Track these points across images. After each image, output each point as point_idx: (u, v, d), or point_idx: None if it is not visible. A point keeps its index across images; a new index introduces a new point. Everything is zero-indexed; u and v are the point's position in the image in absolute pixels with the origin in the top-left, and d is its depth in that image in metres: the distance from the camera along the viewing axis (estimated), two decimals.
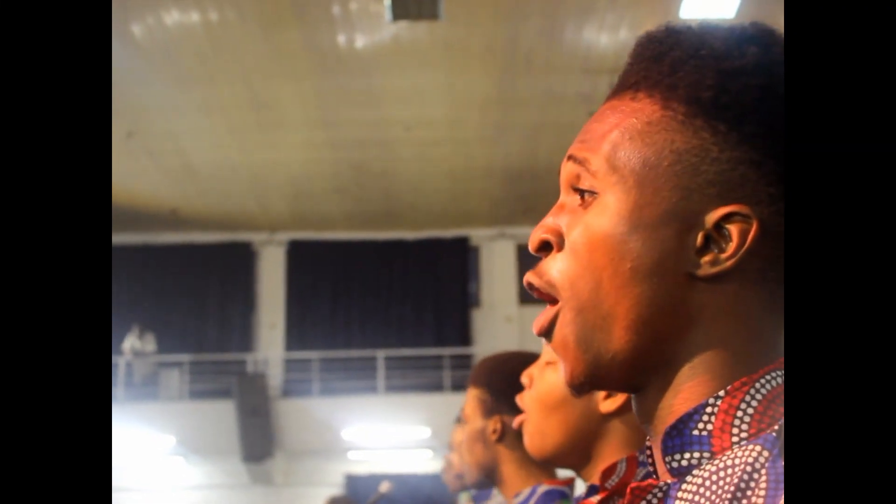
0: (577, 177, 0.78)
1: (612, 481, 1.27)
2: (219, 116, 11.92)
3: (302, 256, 15.71)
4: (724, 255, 0.72)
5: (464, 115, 11.96)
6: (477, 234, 15.88)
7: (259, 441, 13.47)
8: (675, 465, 0.72)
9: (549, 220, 0.79)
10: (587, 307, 0.74)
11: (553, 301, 0.77)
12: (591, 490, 1.34)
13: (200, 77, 10.98)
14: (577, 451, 1.44)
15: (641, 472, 1.29)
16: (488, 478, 2.15)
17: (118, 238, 14.96)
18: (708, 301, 0.73)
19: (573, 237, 0.76)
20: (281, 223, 15.46)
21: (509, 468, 2.08)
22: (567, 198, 0.79)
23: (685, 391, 0.73)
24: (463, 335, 15.53)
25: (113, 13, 9.64)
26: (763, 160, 0.72)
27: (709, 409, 0.71)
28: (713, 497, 0.68)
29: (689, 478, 0.71)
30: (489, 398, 2.14)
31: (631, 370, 0.74)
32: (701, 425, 0.71)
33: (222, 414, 13.53)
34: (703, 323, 0.73)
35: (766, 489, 0.66)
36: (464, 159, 13.21)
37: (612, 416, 1.42)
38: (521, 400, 1.58)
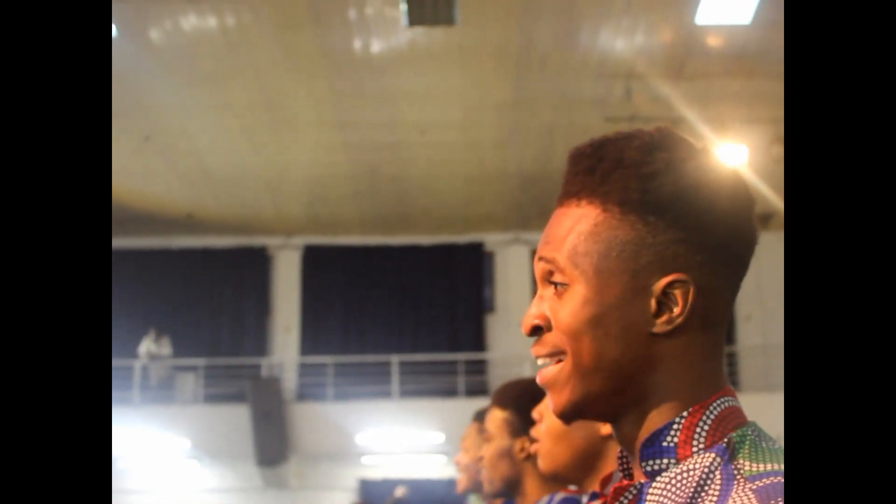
0: (550, 272, 0.99)
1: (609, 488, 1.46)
2: (234, 120, 11.96)
3: (317, 261, 15.74)
4: (675, 315, 0.93)
5: (479, 118, 11.97)
6: (491, 239, 15.88)
7: (273, 445, 13.49)
8: (648, 468, 0.94)
9: (535, 309, 1.00)
10: (578, 362, 0.96)
11: (557, 360, 0.99)
12: (593, 496, 1.61)
13: (216, 81, 11.02)
14: (583, 468, 1.75)
15: (618, 476, 1.43)
16: (510, 490, 2.42)
17: (134, 242, 15.02)
18: (666, 350, 0.94)
19: (556, 320, 0.97)
20: (296, 227, 15.49)
21: (532, 482, 2.36)
22: (544, 290, 1.00)
23: (655, 415, 0.95)
24: (477, 340, 15.52)
25: (130, 16, 9.71)
26: (687, 237, 0.94)
27: (675, 426, 0.93)
28: (678, 492, 0.90)
29: (658, 478, 0.93)
30: (516, 420, 2.40)
31: (606, 407, 0.97)
32: (669, 438, 0.93)
33: (237, 418, 13.56)
34: (664, 367, 0.94)
35: (721, 486, 0.88)
36: (478, 163, 13.22)
37: (610, 437, 1.67)
38: (536, 431, 1.90)
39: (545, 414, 1.84)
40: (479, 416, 3.29)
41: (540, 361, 1.00)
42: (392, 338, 15.25)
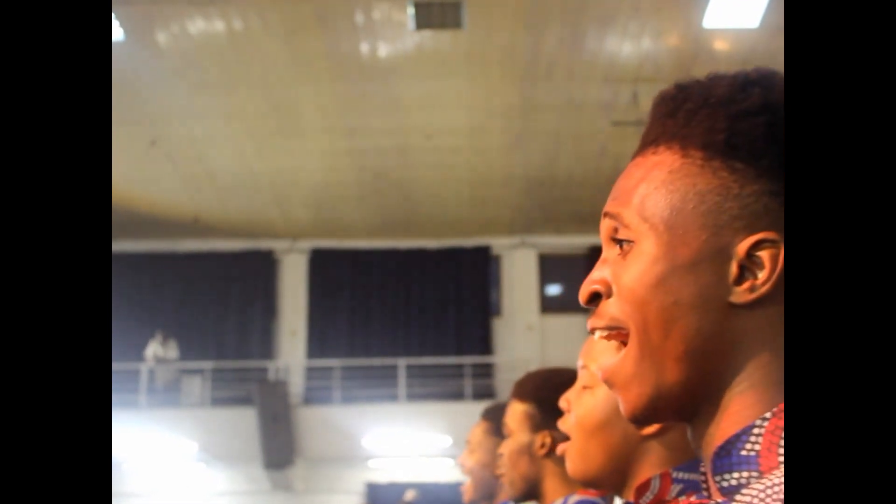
0: (614, 230, 0.84)
1: (647, 498, 1.31)
2: (241, 124, 11.96)
3: (323, 264, 15.72)
4: (759, 282, 0.77)
5: (485, 123, 11.96)
6: (498, 243, 15.85)
7: (280, 448, 13.48)
8: (724, 483, 0.76)
9: (596, 273, 0.85)
10: (643, 338, 0.80)
11: (621, 340, 0.83)
12: None
13: (223, 85, 11.02)
14: (617, 472, 1.46)
15: (675, 489, 1.32)
16: (530, 491, 2.18)
17: (140, 245, 15.03)
18: (748, 327, 0.78)
19: (619, 283, 0.82)
20: (302, 231, 15.48)
21: (553, 482, 2.13)
22: (608, 251, 0.86)
23: (733, 414, 0.77)
24: (484, 344, 15.48)
25: (137, 20, 9.73)
26: (781, 189, 0.78)
27: (756, 431, 0.75)
28: None
29: (737, 496, 0.73)
30: (537, 413, 2.18)
31: (684, 400, 0.80)
32: (749, 446, 0.75)
33: (244, 421, 13.56)
34: (745, 348, 0.78)
35: None
36: (485, 167, 13.19)
37: (651, 438, 1.43)
38: (564, 425, 1.61)
39: (574, 404, 1.55)
40: (487, 415, 3.21)
41: (596, 336, 0.85)
42: (399, 341, 15.23)
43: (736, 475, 0.75)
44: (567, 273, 15.81)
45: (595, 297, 0.84)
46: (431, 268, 15.66)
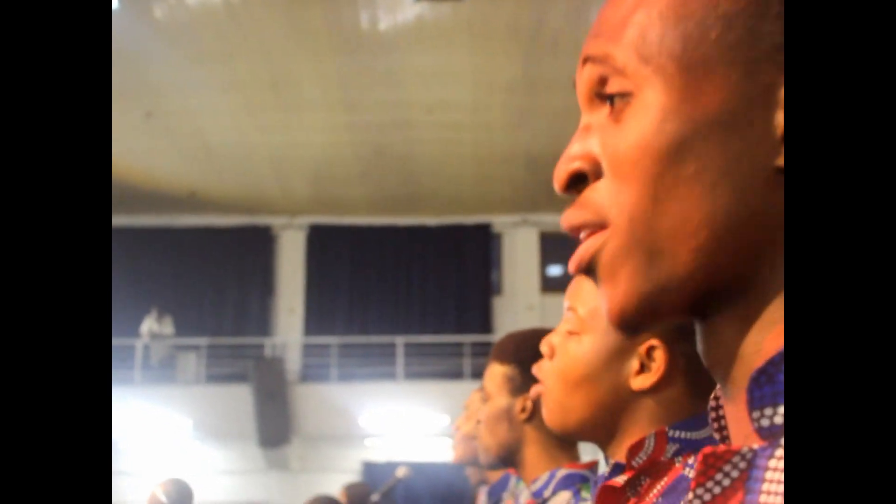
0: (601, 81, 0.60)
1: (640, 458, 1.16)
2: (238, 97, 11.83)
3: (322, 241, 15.62)
4: None
5: (487, 98, 11.81)
6: (499, 221, 15.75)
7: (276, 426, 13.41)
8: (765, 422, 0.53)
9: (576, 146, 0.61)
10: (644, 230, 0.56)
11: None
12: (616, 469, 1.21)
13: (220, 56, 10.88)
14: (602, 428, 1.30)
15: (671, 448, 1.17)
16: (508, 459, 2.04)
17: (136, 220, 14.91)
18: None
19: (612, 155, 0.58)
20: (301, 207, 15.38)
21: (533, 450, 1.98)
22: (591, 115, 0.61)
23: (779, 325, 0.54)
24: (484, 323, 15.40)
25: None
26: None
27: None
28: None
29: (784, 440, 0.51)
30: (517, 375, 2.03)
31: (699, 297, 0.56)
32: None
33: (239, 398, 13.48)
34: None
35: None
36: (487, 144, 13.07)
37: (643, 393, 1.26)
38: (539, 370, 1.41)
39: (557, 349, 1.36)
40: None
41: (582, 237, 0.61)
42: (397, 319, 15.13)
43: (782, 410, 0.52)
44: (569, 252, 15.52)
45: (576, 181, 0.60)
46: (431, 245, 15.55)
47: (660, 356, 1.25)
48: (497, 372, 2.08)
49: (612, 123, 0.59)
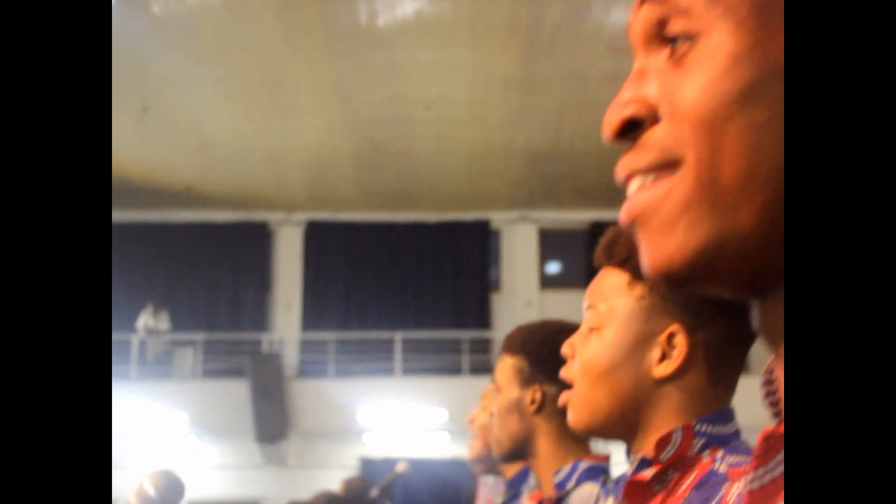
0: (660, 22, 0.56)
1: (668, 452, 1.19)
2: (236, 92, 11.78)
3: (319, 237, 15.58)
4: None
5: (486, 94, 11.76)
6: (498, 218, 15.71)
7: (273, 422, 13.35)
8: None
9: (631, 90, 0.56)
10: (709, 179, 0.52)
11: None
12: (643, 464, 1.22)
13: (218, 52, 10.83)
14: (626, 421, 1.29)
15: (698, 443, 1.20)
16: (520, 452, 2.04)
17: (133, 215, 14.86)
18: None
19: (675, 100, 0.53)
20: (298, 203, 15.33)
21: (546, 441, 1.98)
22: (647, 59, 0.57)
23: None
24: (482, 319, 15.35)
25: None
26: None
27: None
28: None
29: None
30: (527, 366, 2.03)
31: (756, 265, 0.53)
32: None
33: (236, 393, 13.41)
34: None
35: None
36: (485, 140, 13.01)
37: (666, 382, 1.26)
38: (566, 372, 1.41)
39: (579, 348, 1.35)
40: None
41: (634, 185, 0.57)
42: (395, 315, 15.07)
43: None
44: (567, 249, 15.72)
45: (630, 128, 0.56)
46: (429, 241, 15.50)
47: (681, 342, 1.25)
48: (507, 364, 2.08)
49: (673, 67, 0.55)
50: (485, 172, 14.11)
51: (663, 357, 1.26)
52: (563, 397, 1.40)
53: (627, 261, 1.31)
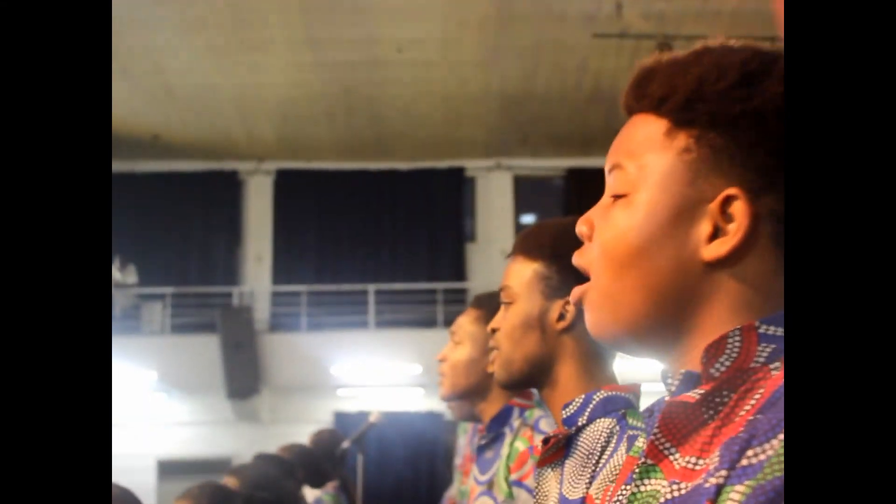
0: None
1: (722, 365, 0.85)
2: (202, 37, 11.46)
3: (290, 186, 15.33)
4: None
5: (460, 35, 11.50)
6: (473, 165, 15.50)
7: (244, 377, 13.18)
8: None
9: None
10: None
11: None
12: (688, 381, 0.88)
13: None
14: (665, 324, 0.91)
15: (765, 351, 0.85)
16: (530, 377, 1.67)
17: None
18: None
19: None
20: (267, 150, 15.05)
21: (569, 367, 1.63)
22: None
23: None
24: (457, 269, 15.19)
25: None
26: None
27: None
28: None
29: None
30: (554, 273, 1.65)
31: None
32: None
33: (206, 348, 13.21)
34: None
35: None
36: (459, 83, 12.78)
37: (719, 267, 0.89)
38: (581, 258, 1.01)
39: (598, 225, 0.99)
40: (478, 302, 2.68)
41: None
42: (368, 266, 14.88)
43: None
44: (544, 197, 15.61)
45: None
46: (403, 190, 15.26)
47: (740, 211, 0.88)
48: (525, 270, 1.69)
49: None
50: (459, 117, 13.87)
51: (716, 233, 0.89)
52: (577, 291, 1.00)
53: (665, 102, 0.94)
